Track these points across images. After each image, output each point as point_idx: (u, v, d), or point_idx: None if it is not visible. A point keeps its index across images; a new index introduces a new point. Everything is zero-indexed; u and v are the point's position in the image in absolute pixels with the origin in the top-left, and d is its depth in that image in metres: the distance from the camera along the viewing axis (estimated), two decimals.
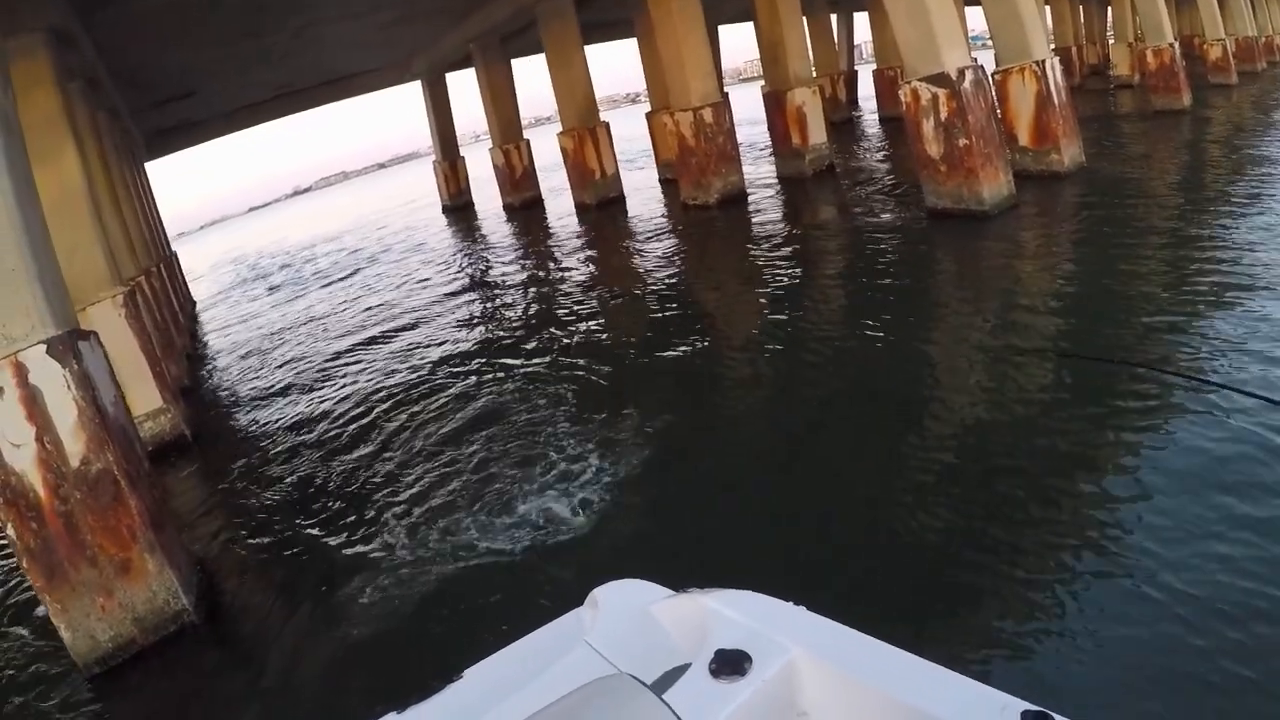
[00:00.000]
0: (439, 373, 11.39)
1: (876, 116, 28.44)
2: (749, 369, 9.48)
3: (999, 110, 13.17)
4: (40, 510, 5.66)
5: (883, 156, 21.92)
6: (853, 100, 33.24)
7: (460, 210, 34.08)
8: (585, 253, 19.10)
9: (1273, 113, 15.46)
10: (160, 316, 14.32)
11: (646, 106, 27.31)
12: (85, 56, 12.49)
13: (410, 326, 15.01)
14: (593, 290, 14.97)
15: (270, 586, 6.70)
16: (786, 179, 20.66)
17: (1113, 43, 29.77)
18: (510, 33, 26.93)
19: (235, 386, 14.11)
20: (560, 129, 24.95)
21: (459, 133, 37.00)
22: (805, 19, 22.94)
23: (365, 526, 7.18)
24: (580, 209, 24.76)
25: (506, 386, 9.98)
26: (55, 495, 5.69)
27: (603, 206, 24.07)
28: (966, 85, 11.96)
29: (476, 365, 11.36)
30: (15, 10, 9.32)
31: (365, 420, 10.08)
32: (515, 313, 14.33)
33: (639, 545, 5.79)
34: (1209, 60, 22.27)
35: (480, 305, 15.74)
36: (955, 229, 12.40)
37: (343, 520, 7.42)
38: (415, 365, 12.14)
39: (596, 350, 10.82)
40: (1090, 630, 4.01)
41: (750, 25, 23.11)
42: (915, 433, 6.69)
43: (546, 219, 26.25)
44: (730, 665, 1.95)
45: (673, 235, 18.34)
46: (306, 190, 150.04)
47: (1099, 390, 6.51)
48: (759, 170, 23.37)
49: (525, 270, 18.51)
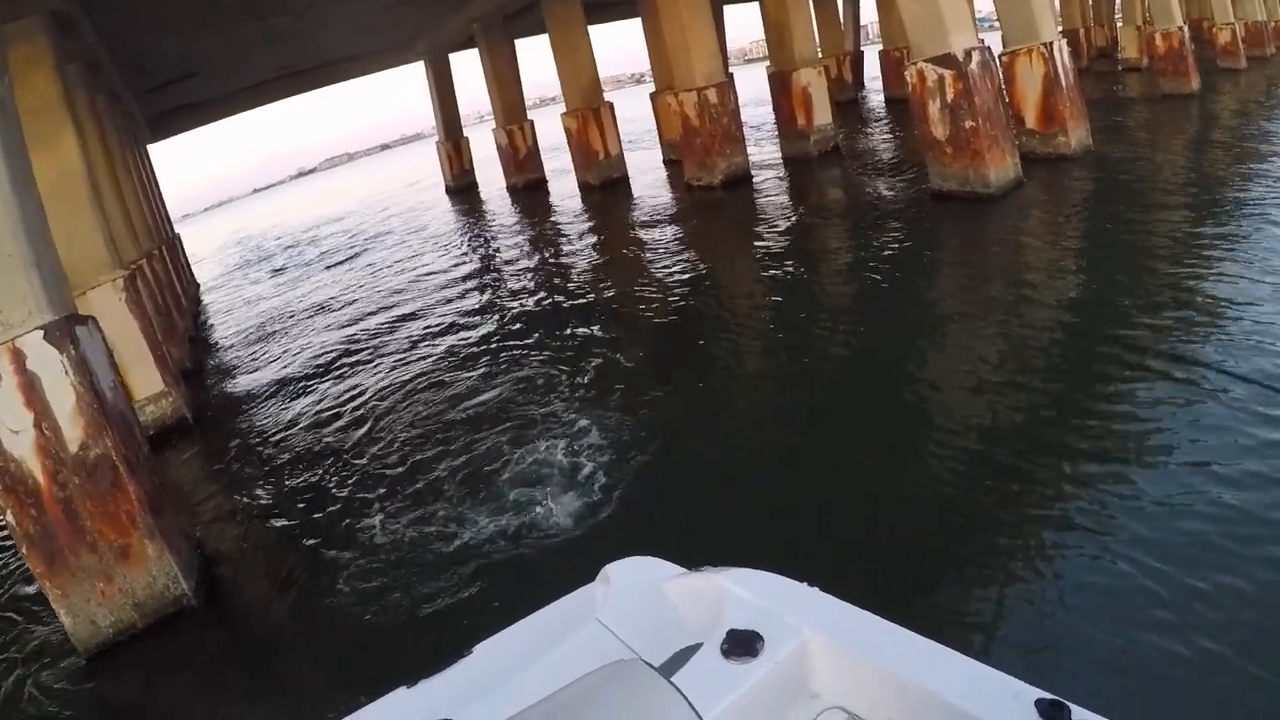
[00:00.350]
0: (440, 355, 11.37)
1: (883, 97, 28.23)
2: (751, 352, 9.45)
3: (1006, 92, 13.03)
4: (39, 497, 5.66)
5: (888, 138, 21.77)
6: (859, 81, 33.00)
7: (464, 191, 33.98)
8: (588, 234, 19.04)
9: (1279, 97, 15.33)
10: (162, 300, 14.30)
11: (651, 87, 27.13)
12: (85, 39, 12.40)
13: (412, 309, 14.98)
14: (594, 271, 14.95)
15: (270, 569, 6.68)
16: (791, 160, 20.56)
17: (1121, 25, 29.45)
18: (514, 13, 26.74)
19: (237, 369, 14.10)
20: (564, 109, 24.85)
21: (463, 113, 36.86)
22: (811, 0, 22.75)
23: (365, 508, 7.17)
24: (584, 190, 24.69)
25: (507, 369, 9.95)
26: (54, 481, 5.69)
27: (606, 187, 23.98)
28: (973, 67, 11.85)
29: (478, 347, 11.34)
30: None
31: (366, 402, 10.07)
32: (516, 294, 14.27)
33: (639, 529, 5.77)
34: (1218, 44, 22.04)
35: (481, 287, 15.70)
36: (960, 211, 12.32)
37: (343, 502, 7.43)
38: (416, 348, 12.13)
39: (598, 332, 10.81)
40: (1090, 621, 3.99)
41: (756, 5, 22.95)
42: (915, 415, 6.66)
43: (550, 200, 26.17)
44: (742, 646, 1.93)
45: (676, 216, 18.26)
46: (311, 172, 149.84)
47: (1105, 377, 6.47)
48: (764, 151, 23.25)
49: (526, 251, 18.46)
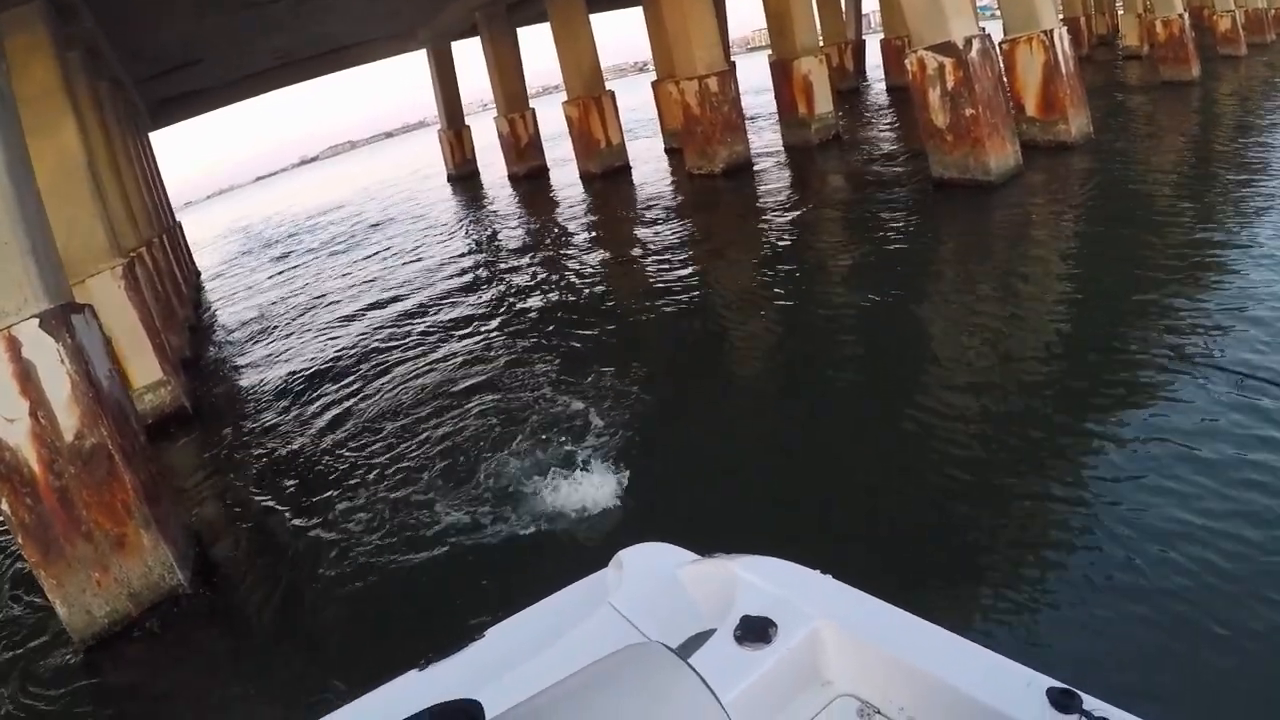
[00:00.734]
0: (440, 344, 11.37)
1: (884, 86, 28.15)
2: (751, 340, 9.49)
3: (1006, 80, 13.00)
4: (35, 486, 5.65)
5: (889, 126, 21.71)
6: (860, 69, 32.82)
7: (466, 179, 33.91)
8: (589, 223, 19.02)
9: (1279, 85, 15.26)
10: (161, 288, 14.29)
11: (654, 75, 27.04)
12: (85, 26, 12.36)
13: (412, 297, 14.97)
14: (595, 260, 14.96)
15: (268, 559, 6.70)
16: (792, 148, 20.51)
17: (1121, 13, 29.33)
18: (516, 1, 26.67)
19: (237, 357, 14.11)
20: (566, 98, 24.78)
21: (466, 101, 36.75)
22: None
23: (364, 497, 7.18)
24: (585, 178, 24.66)
25: (508, 359, 9.96)
26: (50, 470, 5.68)
27: (608, 176, 23.94)
28: (973, 54, 11.80)
29: (479, 335, 11.35)
30: None
31: (367, 391, 10.08)
32: (516, 283, 14.26)
33: (640, 518, 5.77)
34: (1218, 32, 21.87)
35: (481, 276, 15.69)
36: (961, 199, 12.29)
37: (343, 491, 7.43)
38: (417, 337, 12.12)
39: (599, 321, 10.82)
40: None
41: None
42: (915, 403, 6.65)
43: (551, 188, 26.13)
44: (755, 632, 1.94)
45: (677, 205, 18.25)
46: (313, 160, 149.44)
47: (1105, 365, 6.47)
48: (765, 139, 23.19)
49: (526, 240, 18.45)
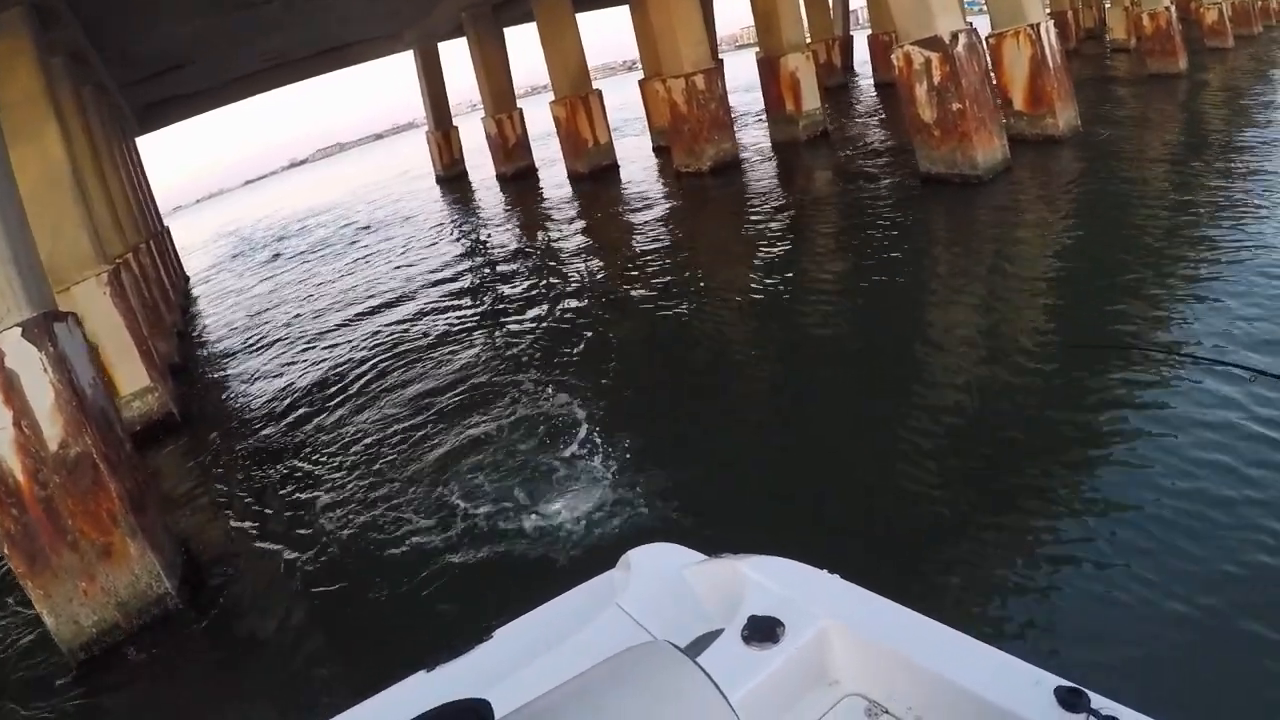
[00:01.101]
0: (431, 345, 11.34)
1: (872, 82, 28.16)
2: (741, 336, 9.51)
3: (993, 74, 13.00)
4: (20, 495, 5.62)
5: (877, 121, 21.71)
6: (848, 65, 32.83)
7: (454, 180, 33.83)
8: (576, 222, 18.98)
9: (1269, 76, 15.27)
10: (149, 294, 14.21)
11: (642, 74, 27.00)
12: (68, 31, 12.28)
13: (401, 299, 14.93)
14: (582, 260, 14.94)
15: (257, 566, 6.66)
16: (780, 144, 20.51)
17: (1109, 6, 29.36)
18: (502, 1, 26.60)
19: (226, 363, 14.05)
20: (553, 98, 24.72)
21: (455, 102, 36.63)
22: None
23: (354, 502, 7.16)
24: (574, 178, 24.61)
25: (500, 358, 9.95)
26: (34, 480, 5.65)
27: (596, 175, 23.89)
28: (960, 49, 11.79)
29: (468, 336, 11.33)
30: None
31: (356, 395, 10.04)
32: (505, 286, 14.22)
33: (635, 516, 5.77)
34: (1205, 24, 21.82)
35: (469, 277, 15.67)
36: (948, 194, 12.29)
37: (331, 496, 7.41)
38: (407, 338, 12.09)
39: (588, 320, 10.82)
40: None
41: None
42: (904, 398, 6.66)
43: (540, 188, 26.12)
44: (763, 632, 1.94)
45: (665, 203, 18.25)
46: (303, 162, 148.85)
47: (1091, 360, 6.43)
48: (754, 136, 23.19)
49: (514, 241, 18.42)
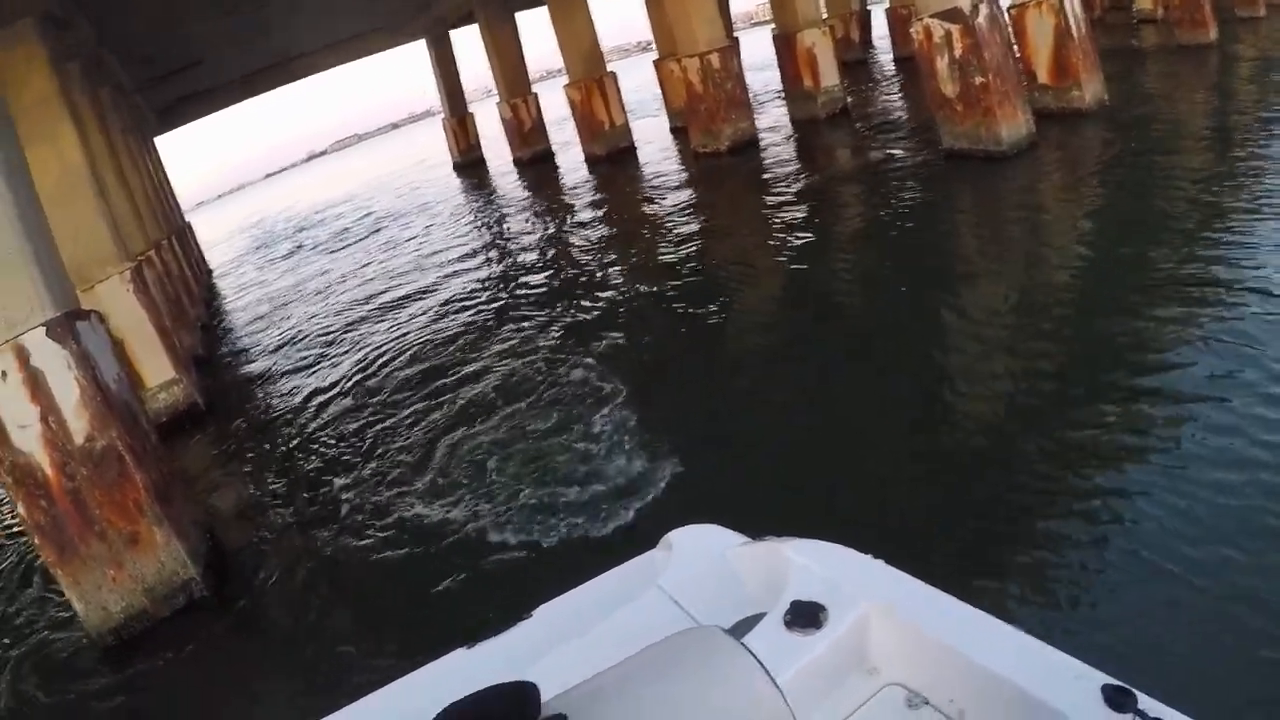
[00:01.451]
0: (454, 332, 11.38)
1: (891, 56, 27.83)
2: (762, 315, 9.52)
3: (1016, 46, 12.77)
4: (48, 489, 5.76)
5: (897, 97, 21.44)
6: (866, 40, 32.43)
7: (471, 167, 33.86)
8: (595, 206, 18.96)
9: None
10: (172, 288, 14.33)
11: (656, 54, 26.86)
12: (82, 35, 12.38)
13: (422, 287, 14.98)
14: (602, 244, 14.90)
15: (282, 553, 6.71)
16: (799, 122, 20.30)
17: None
18: None
19: (249, 354, 14.15)
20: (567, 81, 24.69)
21: (471, 88, 36.66)
22: None
23: (378, 488, 7.20)
24: (590, 161, 24.55)
25: (522, 344, 9.94)
26: (62, 473, 5.78)
27: (613, 158, 23.82)
28: (981, 20, 11.58)
29: (491, 322, 11.35)
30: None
31: (379, 384, 10.08)
32: (524, 270, 14.25)
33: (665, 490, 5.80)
34: None
35: (490, 263, 15.70)
36: (973, 170, 12.09)
37: (355, 482, 7.46)
38: (430, 326, 12.12)
39: (610, 304, 10.80)
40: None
41: None
42: (929, 376, 6.64)
43: (557, 172, 26.12)
44: (805, 617, 1.91)
45: (683, 184, 18.16)
46: (321, 154, 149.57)
47: (1125, 342, 6.34)
48: (773, 115, 23.02)
49: (533, 226, 18.43)
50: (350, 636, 5.31)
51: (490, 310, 12.05)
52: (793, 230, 12.26)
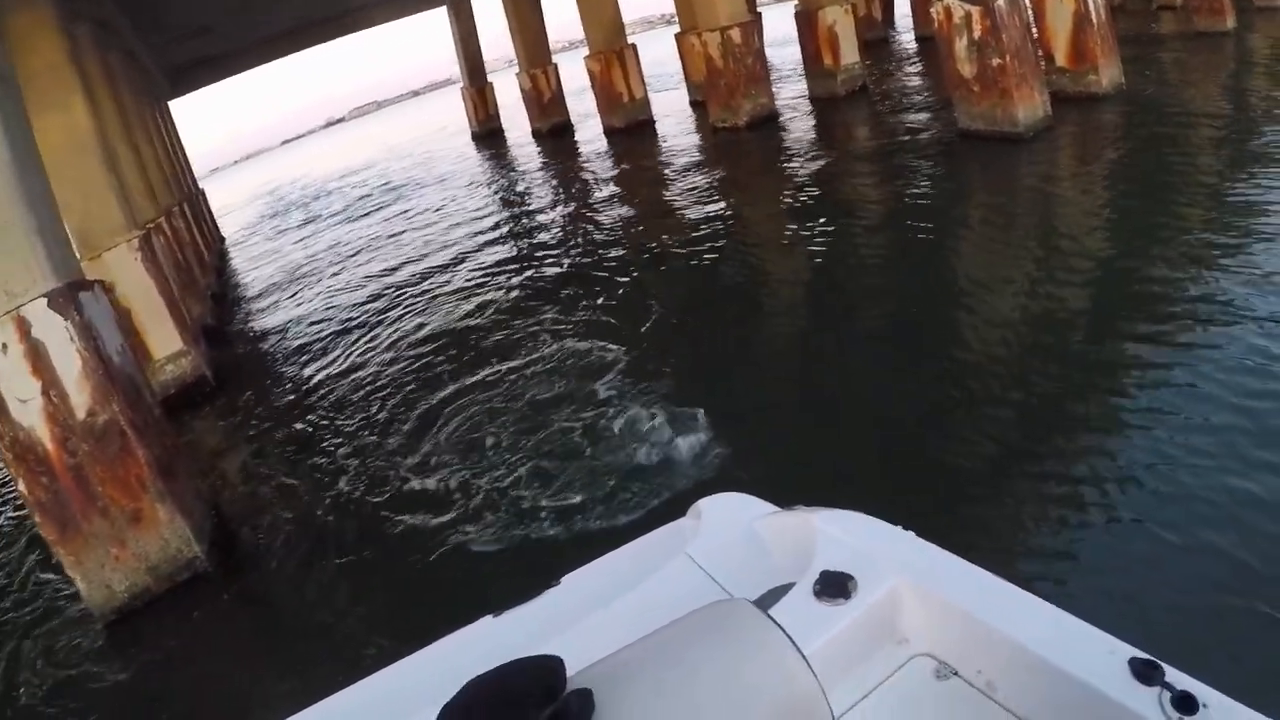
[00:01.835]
0: (467, 303, 11.40)
1: (913, 36, 27.55)
2: (776, 288, 9.60)
3: (1035, 29, 12.62)
4: (49, 464, 5.72)
5: (917, 76, 21.19)
6: (889, 19, 32.08)
7: (489, 137, 33.75)
8: (612, 179, 18.88)
9: None
10: (182, 257, 14.34)
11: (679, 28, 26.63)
12: None
13: (439, 259, 14.94)
14: (620, 217, 14.85)
15: (289, 530, 6.71)
16: (818, 99, 20.11)
17: None
18: None
19: (260, 325, 14.18)
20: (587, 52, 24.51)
21: (491, 58, 36.42)
22: None
23: (387, 464, 7.21)
24: (609, 133, 24.42)
25: (541, 312, 10.01)
26: (64, 448, 5.75)
27: (632, 130, 23.69)
28: (1000, 3, 11.44)
29: (510, 291, 11.40)
30: None
31: (393, 357, 10.10)
32: (541, 243, 14.23)
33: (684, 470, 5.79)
34: None
35: (506, 235, 15.66)
36: (989, 151, 11.98)
37: (364, 458, 7.47)
38: (443, 296, 12.17)
39: (628, 277, 10.81)
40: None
41: None
42: (943, 359, 6.62)
43: (575, 144, 26.01)
44: (834, 587, 1.91)
45: (700, 159, 18.05)
46: (340, 121, 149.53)
47: (1142, 318, 6.31)
48: (792, 91, 22.81)
49: (551, 199, 18.41)
50: (355, 613, 5.33)
51: (509, 279, 12.06)
52: (806, 206, 12.20)
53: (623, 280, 10.69)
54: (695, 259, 10.90)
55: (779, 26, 27.80)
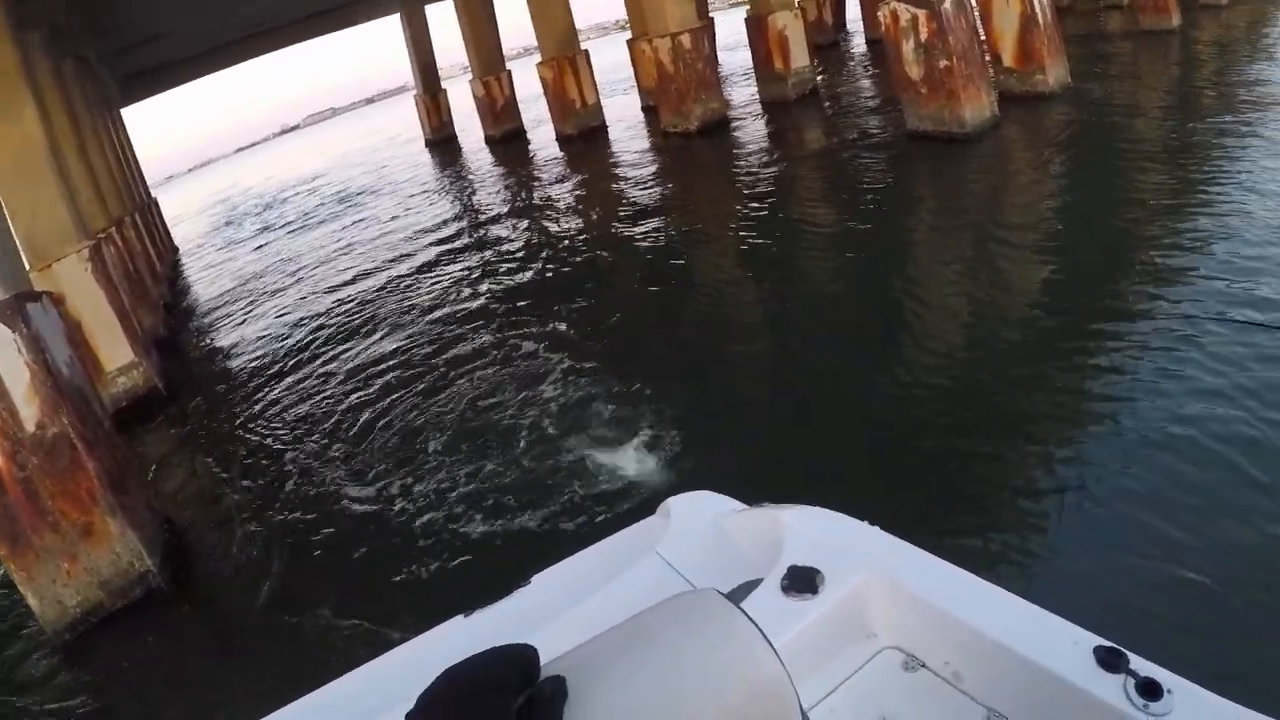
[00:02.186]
0: (421, 309, 11.39)
1: (864, 39, 27.84)
2: (728, 291, 9.57)
3: (982, 31, 12.84)
4: None
5: (867, 79, 21.44)
6: (840, 23, 32.38)
7: (443, 144, 33.56)
8: (563, 184, 18.96)
9: (1261, 33, 15.07)
10: (133, 268, 14.15)
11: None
12: (44, 4, 12.12)
13: (389, 264, 14.93)
14: (570, 224, 14.87)
15: (241, 542, 6.65)
16: (769, 103, 20.26)
17: None
18: None
19: (214, 334, 14.04)
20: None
21: (447, 65, 36.26)
22: None
23: (339, 474, 7.18)
24: (562, 140, 24.39)
25: (492, 323, 9.98)
26: (13, 462, 5.66)
27: (585, 136, 23.71)
28: (947, 5, 11.63)
29: (460, 302, 11.34)
30: None
31: (345, 364, 10.06)
32: (491, 247, 14.25)
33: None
34: None
35: (456, 241, 15.65)
36: (936, 151, 12.19)
37: (317, 469, 7.42)
38: (397, 303, 12.12)
39: (577, 277, 10.92)
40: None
41: None
42: (890, 350, 6.77)
43: (529, 151, 25.96)
44: (802, 582, 1.92)
45: (652, 164, 18.16)
46: (294, 128, 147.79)
47: (1085, 313, 6.44)
48: (745, 95, 22.96)
49: (502, 206, 18.34)
50: (310, 626, 5.29)
51: (460, 290, 12.01)
52: (755, 210, 12.35)
53: (573, 288, 10.71)
54: (643, 265, 11.03)
55: (734, 32, 27.96)
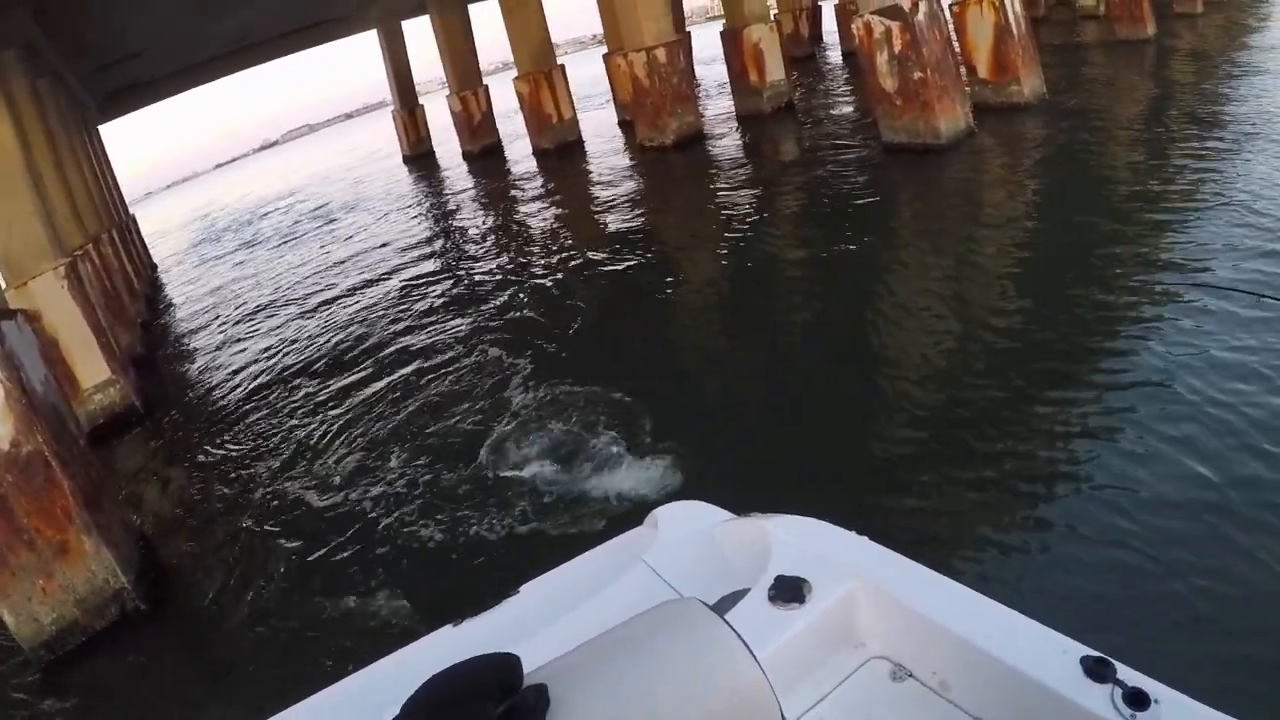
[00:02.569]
0: (398, 326, 11.36)
1: (840, 52, 28.06)
2: (705, 306, 9.65)
3: (957, 42, 12.97)
4: None
5: (843, 92, 21.62)
6: (816, 36, 32.61)
7: (421, 160, 33.56)
8: (539, 199, 19.01)
9: (1236, 41, 15.30)
10: (110, 285, 14.08)
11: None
12: (19, 22, 12.09)
13: (368, 281, 14.88)
14: (546, 238, 14.91)
15: (218, 560, 6.61)
16: (745, 117, 20.39)
17: None
18: None
19: (191, 352, 13.96)
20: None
21: (424, 80, 36.30)
22: None
23: (318, 490, 7.14)
24: (539, 154, 24.43)
25: (469, 338, 9.98)
26: None
27: (561, 151, 23.72)
28: (920, 17, 11.76)
29: (438, 317, 11.32)
30: None
31: (324, 380, 10.03)
32: (467, 264, 14.28)
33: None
34: None
35: (433, 258, 15.64)
36: (911, 163, 12.30)
37: (295, 486, 7.38)
38: (373, 319, 12.07)
39: (555, 297, 10.83)
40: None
41: None
42: (869, 364, 6.81)
43: (506, 166, 25.98)
44: (789, 592, 1.93)
45: (628, 178, 18.22)
46: (274, 144, 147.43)
47: (1059, 320, 6.53)
48: (721, 108, 23.08)
49: (478, 219, 18.47)
50: (289, 643, 5.27)
51: (437, 306, 12.00)
52: (731, 223, 12.40)
53: (547, 303, 10.73)
54: (621, 278, 11.04)
55: (709, 46, 28.14)
